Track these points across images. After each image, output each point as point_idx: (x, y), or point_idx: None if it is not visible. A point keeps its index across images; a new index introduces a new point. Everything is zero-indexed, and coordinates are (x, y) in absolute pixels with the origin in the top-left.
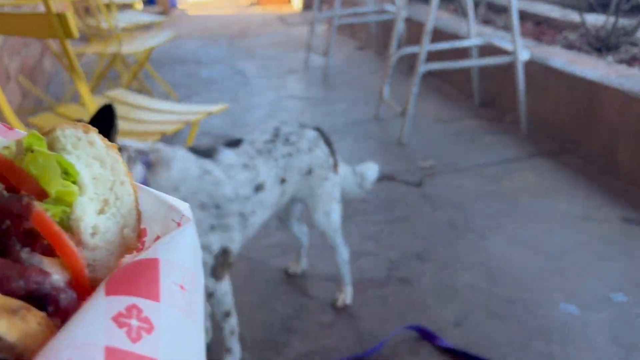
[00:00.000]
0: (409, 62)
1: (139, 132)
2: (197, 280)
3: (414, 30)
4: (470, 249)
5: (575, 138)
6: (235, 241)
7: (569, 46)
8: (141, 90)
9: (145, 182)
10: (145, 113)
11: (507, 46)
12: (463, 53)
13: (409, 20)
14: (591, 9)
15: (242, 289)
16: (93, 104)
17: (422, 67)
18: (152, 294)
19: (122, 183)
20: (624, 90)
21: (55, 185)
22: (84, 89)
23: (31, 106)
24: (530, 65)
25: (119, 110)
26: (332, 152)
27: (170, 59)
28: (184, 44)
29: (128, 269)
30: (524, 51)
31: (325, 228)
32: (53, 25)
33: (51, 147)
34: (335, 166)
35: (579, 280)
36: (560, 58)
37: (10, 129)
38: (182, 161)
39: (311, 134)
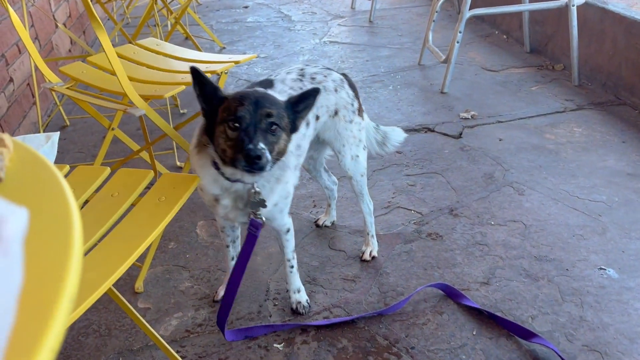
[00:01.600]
0: (458, 6)
1: (166, 81)
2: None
3: None
4: (506, 205)
5: (631, 88)
6: (298, 177)
7: None
8: (186, 38)
9: None
10: (173, 61)
11: None
12: None
13: None
14: None
15: (271, 239)
16: (113, 52)
17: (467, 13)
18: None
19: None
20: None
21: None
22: (104, 37)
23: (81, 53)
24: (585, 8)
25: (147, 58)
26: (357, 96)
27: (218, 4)
28: None
29: None
30: None
31: (353, 173)
32: None
33: None
34: (360, 110)
35: (620, 242)
36: (619, 1)
37: None
38: None
39: (336, 75)
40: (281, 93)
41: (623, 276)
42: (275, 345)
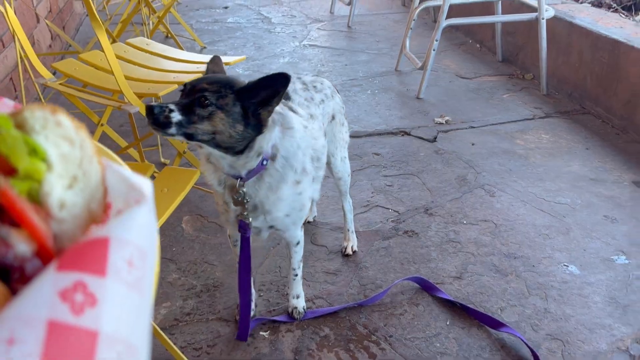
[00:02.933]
0: (434, 15)
1: (157, 80)
2: (148, 258)
3: None
4: (478, 205)
5: (595, 99)
6: (319, 191)
7: (599, 3)
8: (167, 35)
9: (275, 145)
10: (164, 61)
11: (533, 2)
12: (488, 7)
13: None
14: None
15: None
16: (111, 52)
17: (444, 22)
18: (99, 270)
19: (90, 161)
20: None
21: (23, 163)
22: (103, 37)
23: (60, 48)
24: (554, 22)
25: (138, 57)
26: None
27: (197, 3)
28: None
29: (80, 246)
30: (548, 9)
31: (342, 174)
32: None
33: (21, 126)
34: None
35: (582, 241)
36: (586, 16)
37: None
38: (296, 121)
39: (326, 81)
40: (300, 105)
41: (584, 272)
42: (261, 333)
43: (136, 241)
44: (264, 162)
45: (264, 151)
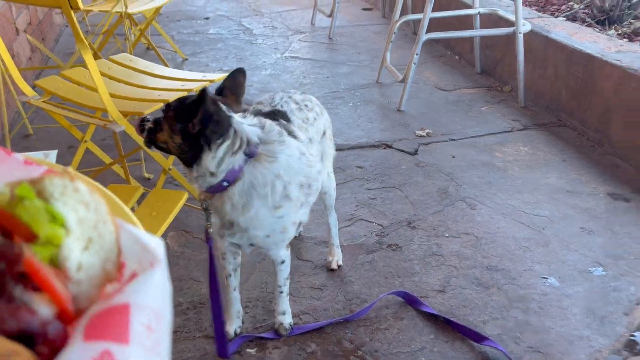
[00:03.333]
0: (414, 27)
1: (142, 97)
2: (164, 320)
3: None
4: (459, 218)
5: (570, 111)
6: (308, 214)
7: (573, 17)
8: (148, 47)
9: (239, 171)
10: (149, 78)
11: (510, 17)
12: (467, 20)
13: None
14: None
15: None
16: (97, 71)
17: (424, 36)
18: (123, 338)
19: (105, 222)
20: (621, 65)
21: (44, 230)
22: (89, 57)
23: (40, 61)
24: (531, 36)
25: (122, 74)
26: None
27: (178, 14)
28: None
29: (103, 313)
30: (525, 23)
31: (328, 188)
32: None
33: (41, 193)
34: None
35: (561, 253)
36: (561, 30)
37: (9, 153)
38: (289, 148)
39: (314, 98)
40: (300, 128)
41: (563, 284)
42: (248, 350)
43: (153, 305)
44: (224, 184)
45: (217, 172)
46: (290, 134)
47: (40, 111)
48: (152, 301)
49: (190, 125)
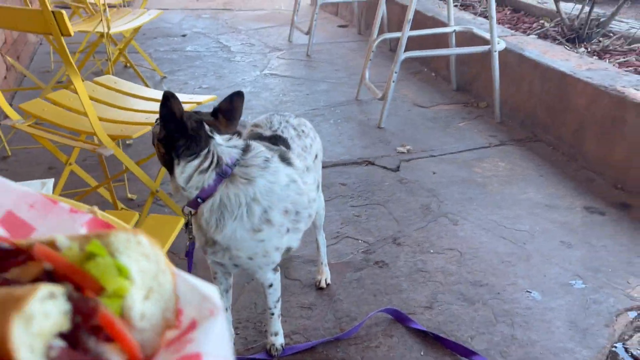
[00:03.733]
0: (390, 44)
1: (129, 120)
2: None
3: (395, 11)
4: (442, 234)
5: (546, 127)
6: (299, 240)
7: (545, 35)
8: (126, 65)
9: (213, 189)
10: (134, 100)
11: (485, 35)
12: (442, 38)
13: (389, 1)
14: None
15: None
16: (86, 96)
17: (402, 55)
18: None
19: (164, 272)
20: (592, 83)
21: (112, 284)
22: (78, 82)
23: (15, 80)
24: (505, 54)
25: (107, 96)
26: None
27: (155, 32)
28: (168, 16)
29: None
30: (500, 41)
31: (318, 208)
32: (49, 22)
33: (107, 247)
34: None
35: (542, 267)
36: (534, 48)
37: (55, 202)
38: (273, 175)
39: (308, 123)
40: (299, 156)
41: (545, 298)
42: None
43: (220, 352)
44: (198, 200)
45: (187, 187)
46: (286, 160)
47: (18, 132)
48: (219, 349)
49: (158, 129)
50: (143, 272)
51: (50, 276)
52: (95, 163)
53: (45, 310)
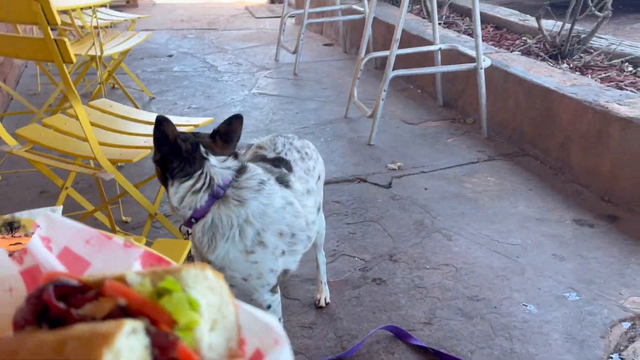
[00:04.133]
0: (376, 62)
1: (127, 144)
2: None
3: (380, 30)
4: (437, 249)
5: (532, 142)
6: (297, 262)
7: (527, 52)
8: (114, 86)
9: (206, 210)
10: (130, 123)
11: (470, 52)
12: (428, 56)
13: (374, 19)
14: (548, 14)
15: None
16: (87, 121)
17: (391, 73)
18: None
19: (227, 304)
20: (577, 98)
21: (184, 317)
22: (79, 107)
23: (1, 101)
24: (491, 70)
25: (103, 120)
26: None
27: (141, 52)
28: (154, 37)
29: None
30: (486, 59)
31: (320, 228)
32: (51, 50)
33: (178, 282)
34: None
35: (536, 280)
36: (519, 65)
37: (109, 237)
38: (268, 197)
39: (311, 144)
40: (300, 179)
41: (541, 311)
42: None
43: None
44: (192, 220)
45: (180, 207)
46: (284, 183)
47: (9, 156)
48: None
49: (154, 152)
50: (209, 305)
51: (124, 311)
52: (87, 186)
53: (130, 345)
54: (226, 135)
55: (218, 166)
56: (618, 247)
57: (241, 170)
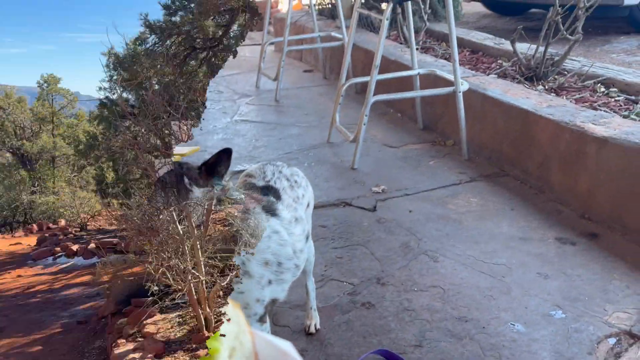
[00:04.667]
0: (356, 87)
1: None
2: None
3: (359, 57)
4: (424, 271)
5: (512, 162)
6: (285, 291)
7: (504, 75)
8: None
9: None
10: None
11: (449, 77)
12: (407, 80)
13: (353, 47)
14: (522, 37)
15: None
16: None
17: (372, 99)
18: None
19: (244, 332)
20: (553, 119)
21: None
22: None
23: None
24: (469, 93)
25: None
26: None
27: None
28: None
29: None
30: (464, 83)
31: (309, 254)
32: None
33: None
34: None
35: (523, 299)
36: (496, 88)
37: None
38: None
39: (300, 172)
40: (289, 207)
41: (529, 329)
42: None
43: None
44: None
45: None
46: (271, 211)
47: None
48: None
49: None
50: (228, 334)
51: None
52: None
53: None
54: (211, 167)
55: (201, 198)
56: (600, 264)
57: (225, 201)
